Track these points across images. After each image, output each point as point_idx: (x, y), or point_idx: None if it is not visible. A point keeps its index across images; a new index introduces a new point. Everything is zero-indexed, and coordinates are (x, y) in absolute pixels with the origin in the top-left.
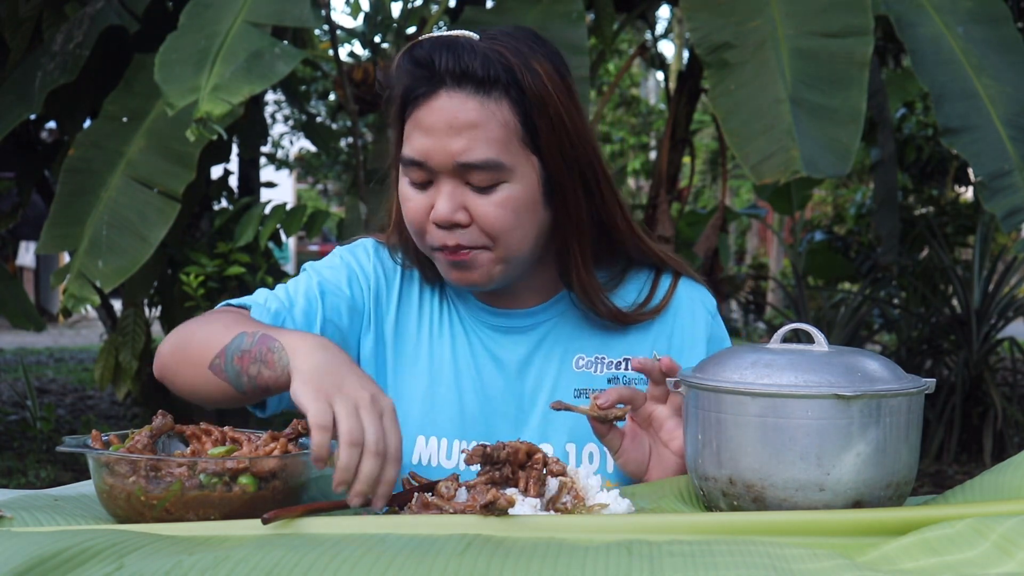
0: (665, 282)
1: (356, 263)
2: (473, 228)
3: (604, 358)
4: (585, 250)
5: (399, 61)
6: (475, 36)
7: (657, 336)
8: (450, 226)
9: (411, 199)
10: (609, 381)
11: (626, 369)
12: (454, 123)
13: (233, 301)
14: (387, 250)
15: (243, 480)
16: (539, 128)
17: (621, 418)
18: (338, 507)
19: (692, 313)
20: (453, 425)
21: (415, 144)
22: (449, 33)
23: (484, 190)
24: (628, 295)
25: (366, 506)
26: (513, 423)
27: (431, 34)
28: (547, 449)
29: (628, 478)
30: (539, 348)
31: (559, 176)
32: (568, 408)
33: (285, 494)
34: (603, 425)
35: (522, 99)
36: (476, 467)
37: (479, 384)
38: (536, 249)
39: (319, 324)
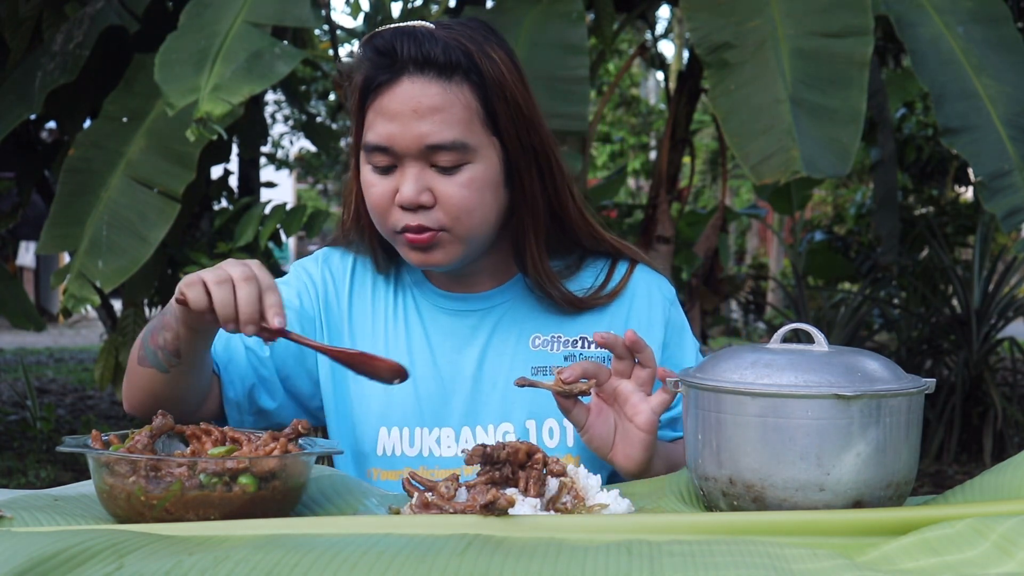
0: (621, 269)
1: (305, 274)
2: (436, 209)
3: (560, 336)
4: (539, 235)
5: (360, 50)
6: (431, 26)
7: (612, 318)
8: (415, 208)
9: (374, 184)
10: (566, 359)
11: (583, 347)
12: (418, 107)
13: None
14: (339, 252)
15: (243, 480)
16: (498, 111)
17: (586, 393)
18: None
19: (649, 298)
20: (412, 413)
21: (379, 130)
22: (407, 24)
23: (449, 171)
24: (584, 282)
25: (262, 335)
26: (472, 404)
27: (389, 25)
28: (507, 428)
29: (590, 452)
30: (496, 330)
31: (516, 159)
32: (533, 384)
33: (285, 494)
34: (568, 400)
35: (482, 83)
36: (476, 467)
37: (435, 369)
38: (494, 231)
39: None
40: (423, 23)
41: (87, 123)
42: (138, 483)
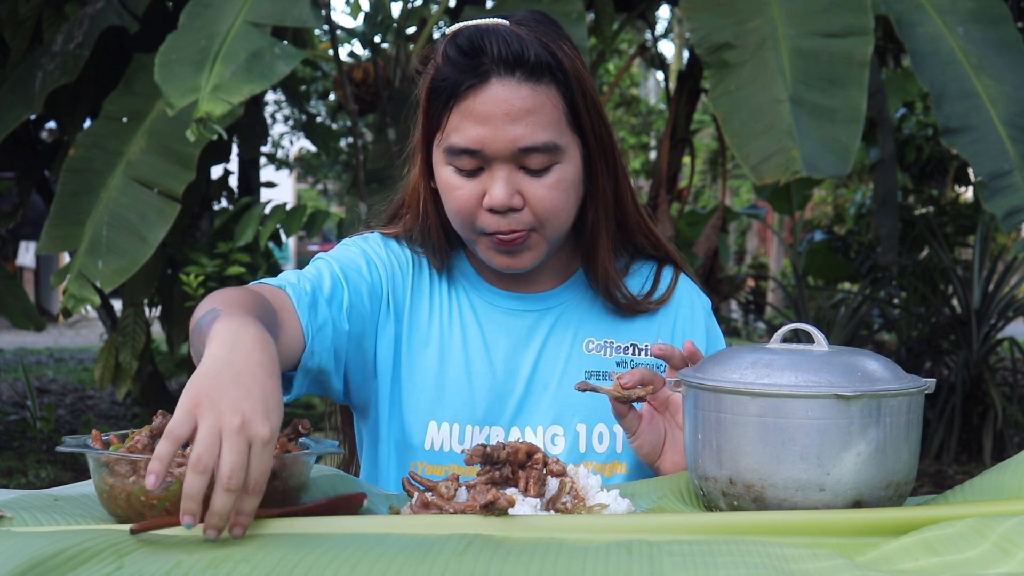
0: (667, 274)
1: (372, 250)
2: (525, 211)
3: (612, 342)
4: (610, 233)
5: (444, 51)
6: (506, 22)
7: (661, 325)
8: (505, 211)
9: (459, 187)
10: (618, 364)
11: (633, 354)
12: (511, 110)
13: (269, 280)
14: (394, 241)
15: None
16: (580, 109)
17: (643, 399)
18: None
19: (692, 307)
20: (464, 409)
21: (468, 133)
22: (486, 21)
23: (538, 173)
24: (633, 285)
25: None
26: (524, 405)
27: (467, 23)
28: (557, 431)
29: (638, 459)
30: (552, 331)
31: (595, 156)
32: (593, 389)
33: (285, 493)
34: (623, 406)
35: (566, 82)
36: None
37: (490, 368)
38: (571, 228)
39: (346, 307)
40: (501, 20)
41: (87, 123)
42: (138, 483)
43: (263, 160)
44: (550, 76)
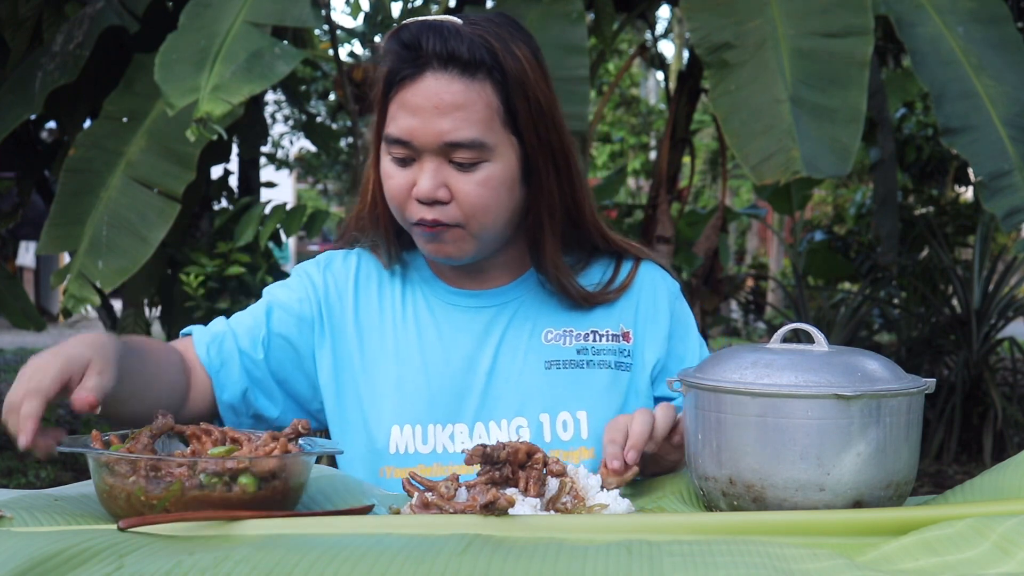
0: (627, 265)
1: (307, 278)
2: (452, 205)
3: (572, 331)
4: (556, 232)
5: (386, 43)
6: (458, 21)
7: (622, 311)
8: (431, 202)
9: (393, 176)
10: (578, 352)
11: (594, 341)
12: (440, 104)
13: (190, 328)
14: (340, 255)
15: (243, 480)
16: (519, 110)
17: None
18: (209, 517)
19: (654, 292)
20: (425, 410)
21: (400, 123)
22: (434, 17)
23: (466, 168)
24: (592, 278)
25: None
26: (485, 400)
27: (417, 18)
28: (521, 423)
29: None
30: (510, 324)
31: (535, 158)
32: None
33: (285, 494)
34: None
35: (504, 81)
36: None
37: (448, 366)
38: (509, 228)
39: (263, 339)
40: (451, 18)
41: (87, 123)
42: (138, 483)
43: (263, 160)
44: (485, 74)
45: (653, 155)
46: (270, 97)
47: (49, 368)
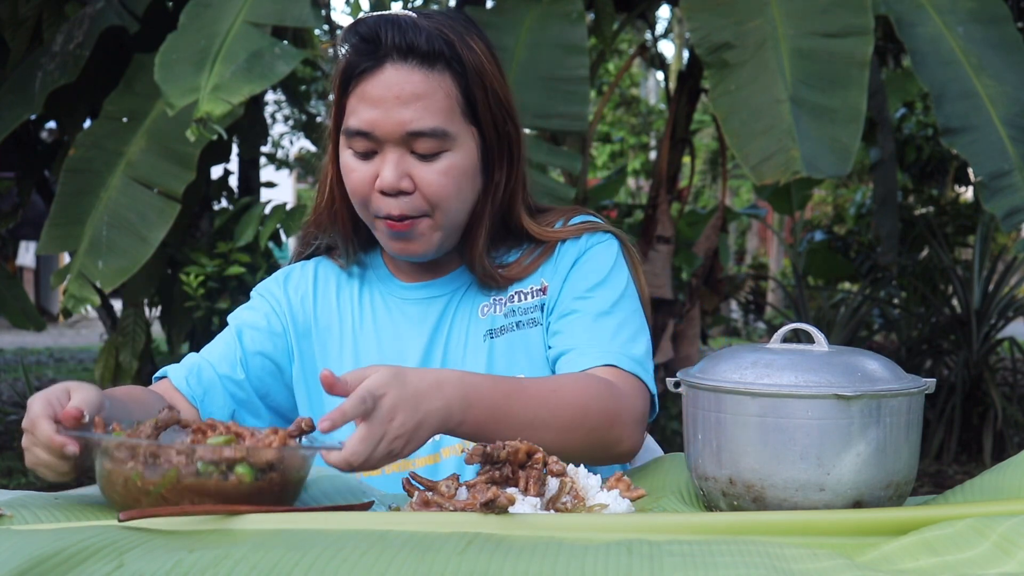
0: (543, 246)
1: (269, 295)
2: (416, 196)
3: (500, 298)
4: (490, 226)
5: (344, 36)
6: (414, 15)
7: (543, 269)
8: (395, 193)
9: (355, 169)
10: (506, 316)
11: (519, 300)
12: (401, 94)
13: (163, 371)
14: (297, 267)
15: (240, 470)
16: (478, 100)
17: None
18: (209, 511)
19: (575, 243)
20: None
21: (362, 115)
22: (391, 12)
23: (428, 158)
24: (510, 259)
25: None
26: None
27: (373, 13)
28: None
29: None
30: (458, 309)
31: (492, 148)
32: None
33: (283, 487)
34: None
35: (463, 72)
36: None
37: (405, 361)
38: (468, 217)
39: (240, 360)
40: (407, 12)
41: (87, 123)
42: (136, 468)
43: (263, 160)
44: (444, 64)
45: (653, 155)
46: (270, 97)
47: (32, 405)
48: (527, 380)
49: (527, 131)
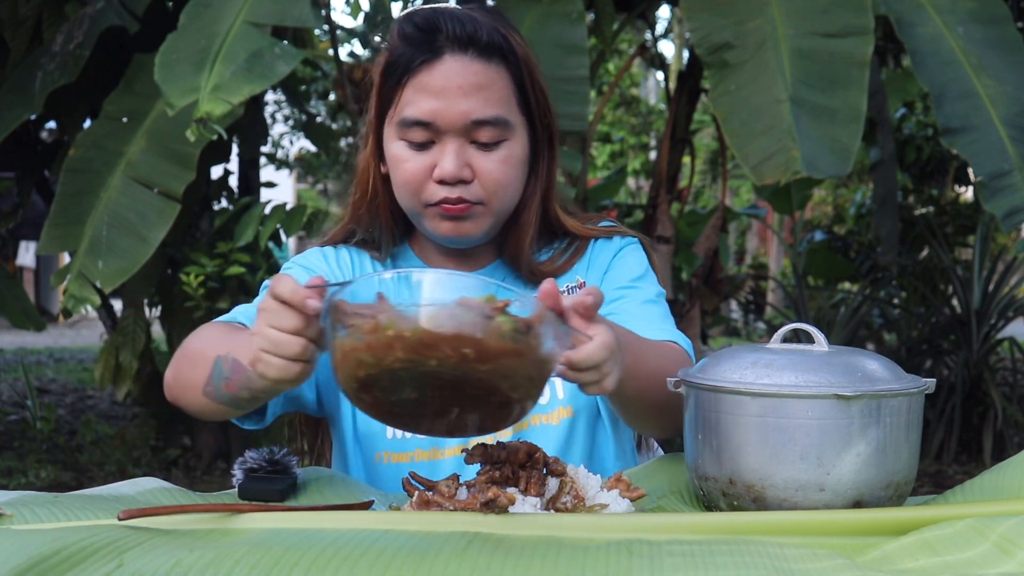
0: (577, 242)
1: (309, 265)
2: (474, 184)
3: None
4: (537, 218)
5: (399, 28)
6: (456, 6)
7: (578, 267)
8: (455, 182)
9: (408, 159)
10: None
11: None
12: (464, 84)
13: (226, 318)
14: (331, 250)
15: (501, 318)
16: (528, 92)
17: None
18: (196, 510)
19: (608, 243)
20: None
21: (421, 105)
22: (441, 5)
23: (488, 147)
24: (542, 256)
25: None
26: None
27: (422, 6)
28: None
29: (581, 403)
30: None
31: (539, 140)
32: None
33: (534, 357)
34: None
35: (516, 64)
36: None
37: None
38: (513, 208)
39: None
40: (452, 5)
41: (87, 123)
42: (388, 313)
43: (263, 160)
44: (500, 57)
45: (653, 155)
46: (270, 97)
47: (276, 280)
48: (639, 336)
49: None
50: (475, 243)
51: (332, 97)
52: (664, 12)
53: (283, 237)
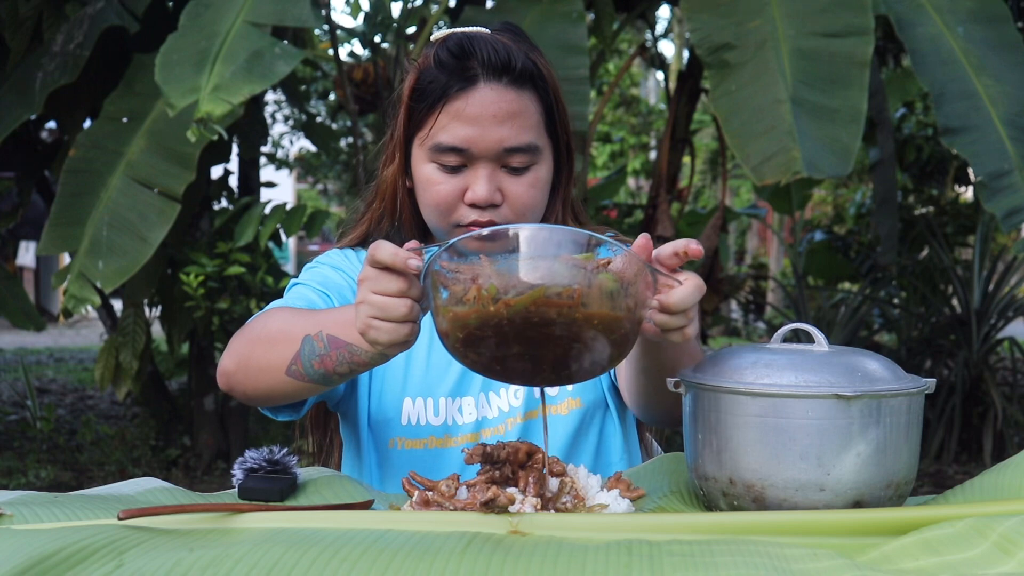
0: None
1: (337, 265)
2: (504, 207)
3: None
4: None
5: (435, 54)
6: (487, 32)
7: None
8: (486, 206)
9: (440, 182)
10: None
11: None
12: (498, 113)
13: (279, 302)
14: (351, 250)
15: (603, 276)
16: (555, 115)
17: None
18: (196, 510)
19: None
20: (436, 384)
21: (456, 132)
22: (472, 29)
23: (518, 171)
24: None
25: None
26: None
27: (453, 30)
28: (517, 387)
29: (588, 394)
30: None
31: (561, 160)
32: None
33: (629, 308)
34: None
35: (545, 89)
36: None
37: (453, 362)
38: None
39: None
40: (484, 30)
41: (87, 123)
42: (491, 279)
43: (263, 160)
44: (532, 84)
45: (653, 155)
46: (270, 97)
47: (375, 246)
48: None
49: None
50: None
51: (332, 97)
52: (664, 12)
53: (283, 237)
